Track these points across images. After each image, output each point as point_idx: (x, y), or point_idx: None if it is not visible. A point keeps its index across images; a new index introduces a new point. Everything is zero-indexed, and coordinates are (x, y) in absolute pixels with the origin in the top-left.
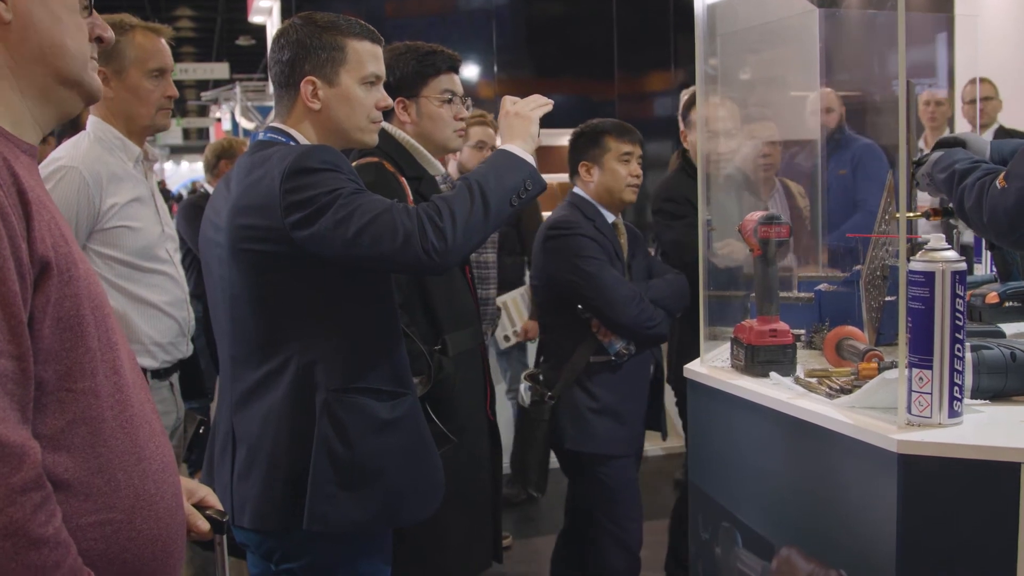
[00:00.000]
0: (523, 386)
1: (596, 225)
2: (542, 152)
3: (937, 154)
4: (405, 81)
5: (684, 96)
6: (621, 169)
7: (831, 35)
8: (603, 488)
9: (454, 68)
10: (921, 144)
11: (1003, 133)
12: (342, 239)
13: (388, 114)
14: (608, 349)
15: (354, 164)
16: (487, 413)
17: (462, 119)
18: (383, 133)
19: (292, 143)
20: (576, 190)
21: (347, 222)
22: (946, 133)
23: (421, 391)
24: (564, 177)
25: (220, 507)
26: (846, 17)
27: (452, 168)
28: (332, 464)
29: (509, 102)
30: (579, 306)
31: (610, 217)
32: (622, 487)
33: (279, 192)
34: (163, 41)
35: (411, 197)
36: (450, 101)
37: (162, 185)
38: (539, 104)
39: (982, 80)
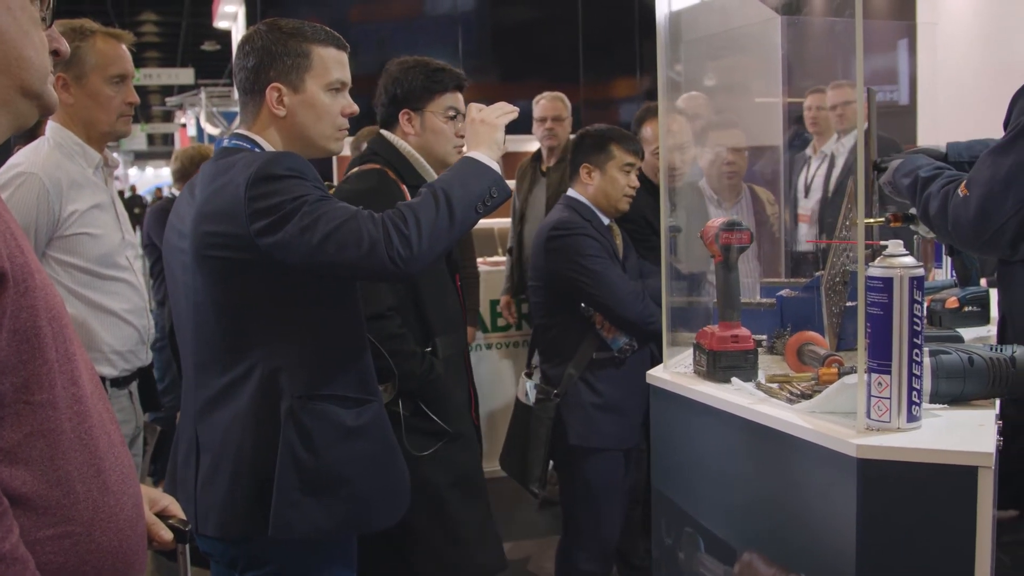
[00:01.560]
0: (528, 384)
1: (594, 226)
2: (508, 158)
3: (899, 160)
4: (413, 94)
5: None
6: (621, 178)
7: (793, 42)
8: (589, 485)
9: (460, 87)
10: (809, 152)
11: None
12: (307, 246)
13: (391, 124)
14: (612, 345)
15: (356, 170)
16: (472, 418)
17: (462, 136)
18: (385, 141)
19: (257, 150)
20: (572, 192)
21: (312, 229)
22: (833, 139)
23: (387, 398)
24: None
25: (183, 516)
26: (808, 24)
27: None
28: (297, 471)
29: (475, 109)
30: (582, 304)
31: (605, 220)
32: (609, 485)
33: (244, 199)
34: (124, 47)
35: None
36: (453, 118)
37: (133, 191)
38: (505, 111)
39: (845, 84)
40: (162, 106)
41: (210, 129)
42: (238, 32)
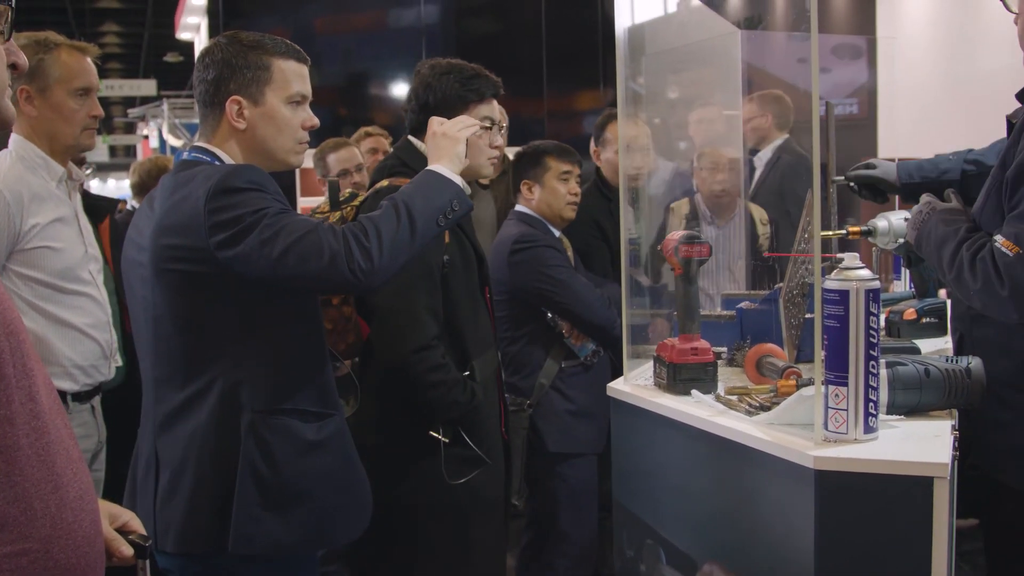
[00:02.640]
0: None
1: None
2: None
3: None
4: (447, 102)
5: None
6: (561, 188)
7: (753, 55)
8: (572, 490)
9: (496, 95)
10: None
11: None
12: (267, 259)
13: (421, 132)
14: (579, 353)
15: (388, 183)
16: (502, 432)
17: (497, 147)
18: (415, 151)
19: (217, 163)
20: (520, 208)
21: (273, 242)
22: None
23: (348, 412)
24: None
25: (144, 532)
26: (767, 38)
27: None
28: (257, 486)
29: (436, 123)
30: (549, 315)
31: (556, 232)
32: (588, 489)
33: (203, 212)
34: (88, 60)
35: None
36: (488, 129)
37: None
38: (466, 125)
39: (757, 97)
40: (124, 117)
41: (173, 141)
42: (201, 43)
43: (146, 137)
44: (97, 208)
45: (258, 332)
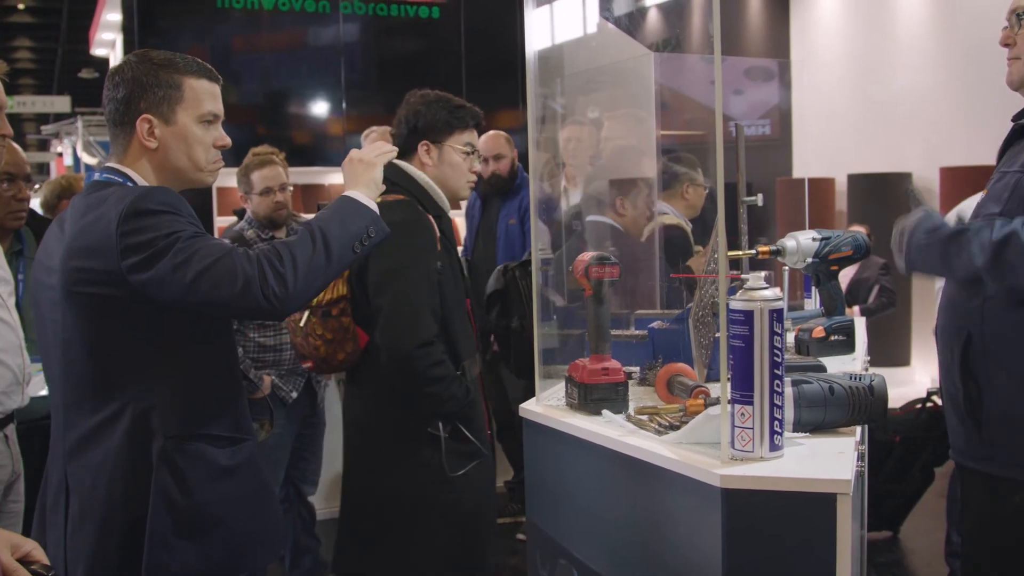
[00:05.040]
0: None
1: None
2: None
3: (915, 219)
4: (434, 127)
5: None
6: None
7: (667, 77)
8: None
9: (478, 125)
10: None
11: None
12: (180, 283)
13: (408, 155)
14: None
15: (380, 200)
16: (488, 436)
17: (475, 172)
18: (404, 173)
19: (129, 184)
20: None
21: (186, 266)
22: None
23: (262, 437)
24: None
25: (46, 561)
26: (681, 60)
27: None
28: (170, 513)
29: (353, 150)
30: None
31: None
32: None
33: (116, 234)
34: None
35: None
36: (470, 154)
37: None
38: (383, 151)
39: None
40: (37, 135)
41: (87, 158)
42: (116, 60)
43: (60, 155)
44: None
45: (170, 357)
